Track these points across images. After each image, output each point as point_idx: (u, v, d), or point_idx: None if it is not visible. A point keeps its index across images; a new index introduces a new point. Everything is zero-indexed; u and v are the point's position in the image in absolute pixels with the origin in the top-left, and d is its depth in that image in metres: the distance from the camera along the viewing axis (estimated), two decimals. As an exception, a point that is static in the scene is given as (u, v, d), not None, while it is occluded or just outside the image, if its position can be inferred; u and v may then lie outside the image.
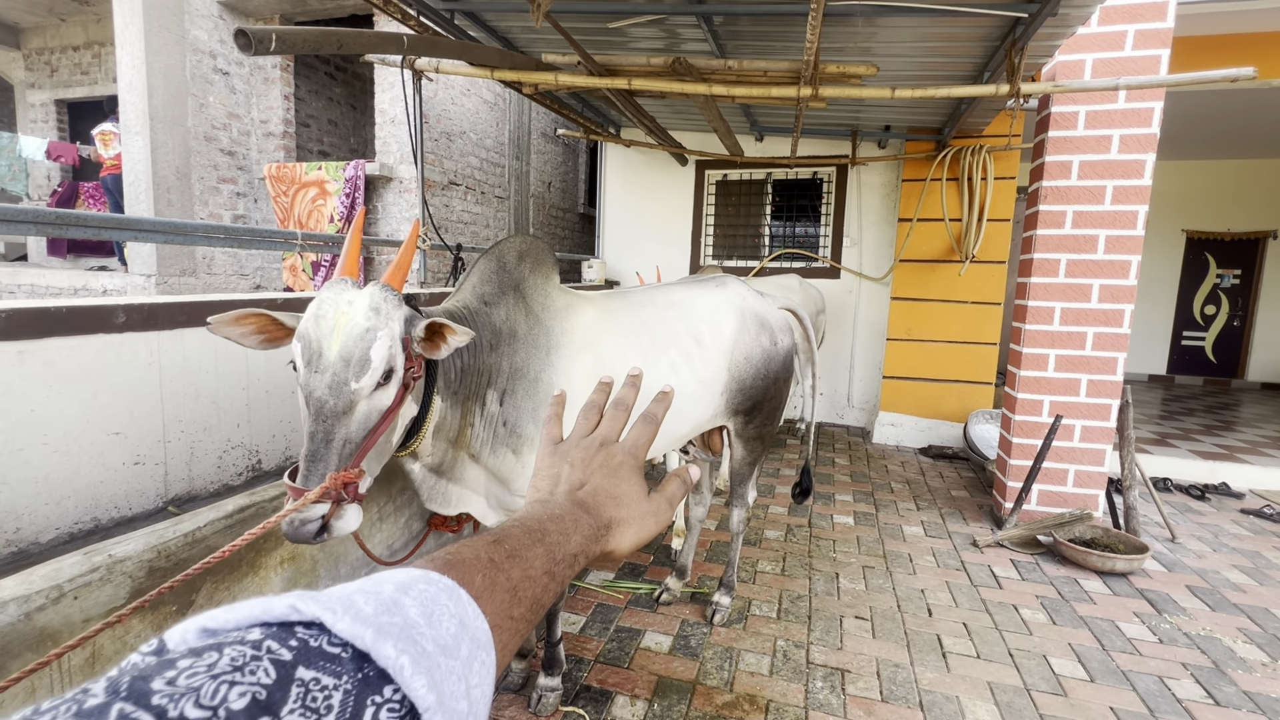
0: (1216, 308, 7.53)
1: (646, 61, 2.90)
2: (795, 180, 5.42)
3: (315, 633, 0.26)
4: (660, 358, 1.75)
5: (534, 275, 1.58)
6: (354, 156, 6.56)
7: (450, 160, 5.24)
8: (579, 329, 1.61)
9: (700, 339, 1.86)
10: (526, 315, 1.53)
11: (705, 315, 1.92)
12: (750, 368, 1.96)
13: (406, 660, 0.26)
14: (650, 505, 0.54)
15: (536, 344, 1.53)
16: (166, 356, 1.87)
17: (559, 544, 0.44)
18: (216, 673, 0.21)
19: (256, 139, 5.31)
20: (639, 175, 5.73)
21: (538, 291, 1.58)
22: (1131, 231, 2.92)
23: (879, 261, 5.14)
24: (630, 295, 1.89)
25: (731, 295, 2.03)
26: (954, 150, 4.31)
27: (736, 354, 1.93)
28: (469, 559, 0.37)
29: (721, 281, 2.10)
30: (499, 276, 1.53)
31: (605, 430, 0.58)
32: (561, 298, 1.63)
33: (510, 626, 0.36)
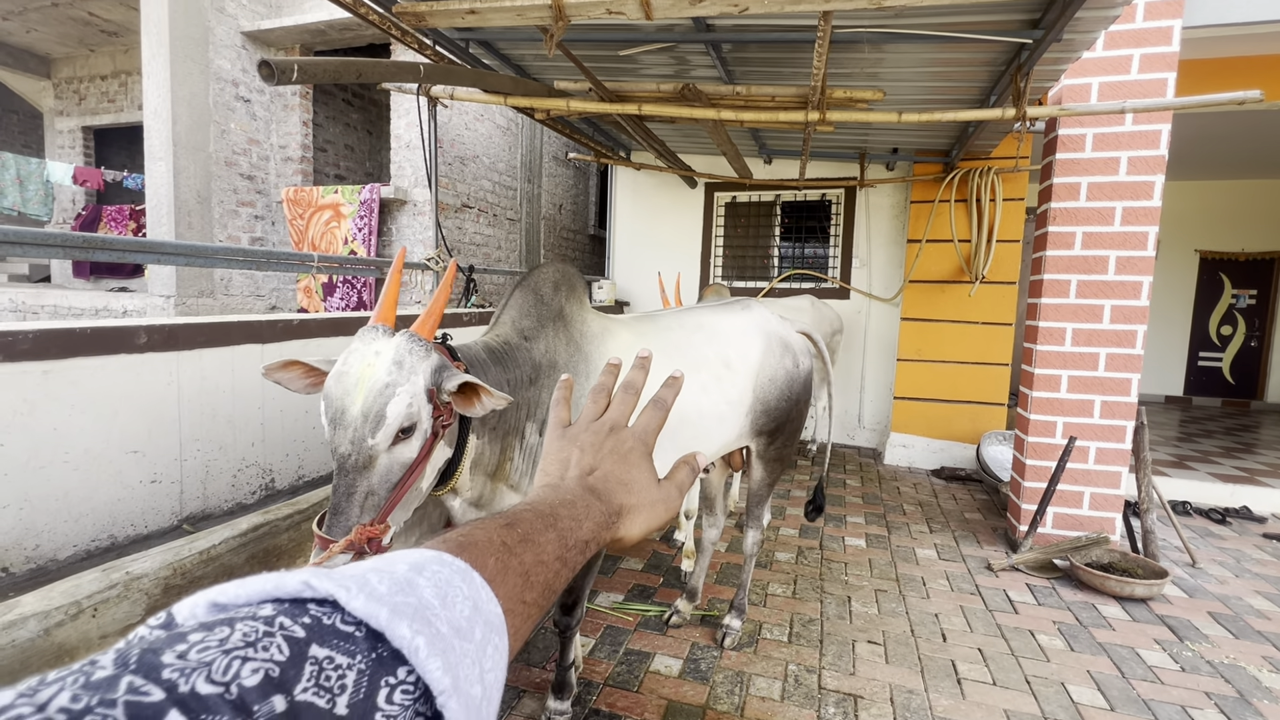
0: (1233, 328, 7.44)
1: (656, 88, 2.96)
2: (804, 202, 5.46)
3: (328, 610, 0.25)
4: (692, 380, 1.76)
5: (570, 303, 1.58)
6: (369, 180, 6.69)
7: (463, 184, 5.33)
8: (615, 354, 1.64)
9: (729, 362, 1.88)
10: (567, 344, 1.53)
11: (733, 338, 1.94)
12: (775, 389, 1.99)
13: (422, 641, 0.25)
14: (660, 492, 0.53)
15: (576, 371, 1.52)
16: (185, 376, 1.91)
17: (571, 530, 0.43)
18: (229, 648, 0.21)
19: (275, 163, 5.44)
20: (649, 197, 5.79)
21: (575, 319, 1.58)
22: (1142, 252, 2.92)
23: (888, 282, 5.15)
24: (659, 319, 1.90)
25: (757, 318, 2.07)
26: (962, 172, 4.33)
27: (762, 376, 1.96)
28: (482, 541, 0.36)
29: (746, 305, 2.13)
30: (538, 309, 1.52)
31: (614, 414, 0.57)
32: (596, 322, 1.64)
33: (523, 611, 0.36)
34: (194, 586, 1.27)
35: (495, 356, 1.40)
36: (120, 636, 1.19)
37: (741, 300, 2.19)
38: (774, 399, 1.99)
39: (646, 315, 1.96)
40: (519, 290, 1.55)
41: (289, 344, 2.29)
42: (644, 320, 1.88)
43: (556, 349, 1.51)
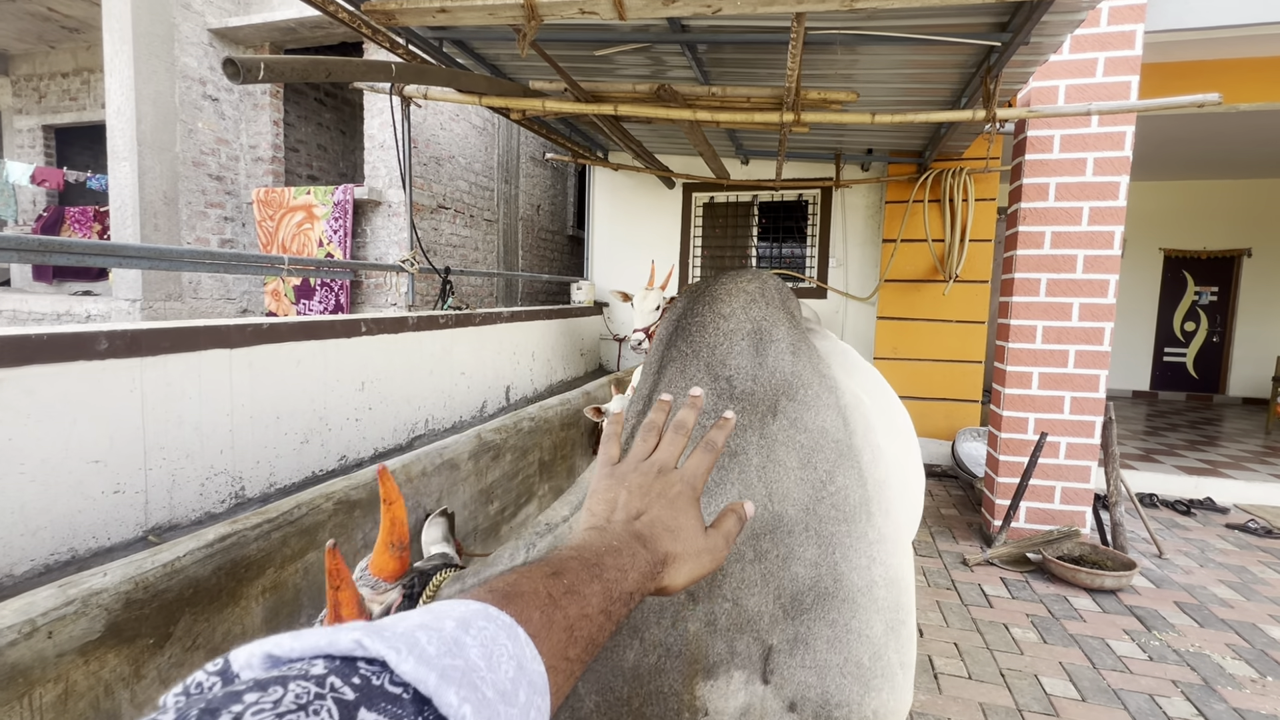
0: (1196, 324, 7.66)
1: (632, 88, 2.96)
2: (781, 202, 5.50)
3: (378, 670, 0.25)
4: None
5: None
6: (343, 181, 6.59)
7: (439, 184, 5.27)
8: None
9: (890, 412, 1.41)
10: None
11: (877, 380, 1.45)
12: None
13: (469, 710, 0.26)
14: (707, 541, 0.52)
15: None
16: (149, 383, 1.85)
17: (616, 581, 0.42)
18: (282, 710, 0.22)
19: (245, 164, 5.33)
20: (627, 198, 5.79)
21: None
22: (1109, 251, 2.98)
23: (864, 281, 5.21)
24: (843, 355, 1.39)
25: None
26: (935, 173, 4.39)
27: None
28: (528, 593, 0.36)
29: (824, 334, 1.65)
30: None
31: (664, 456, 0.56)
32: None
33: (565, 668, 0.35)
34: (157, 600, 1.23)
35: None
36: (79, 655, 1.15)
37: (818, 330, 1.60)
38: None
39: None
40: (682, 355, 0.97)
41: (259, 349, 2.24)
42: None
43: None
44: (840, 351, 1.39)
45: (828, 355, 1.15)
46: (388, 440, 2.89)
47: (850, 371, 1.20)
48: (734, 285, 1.00)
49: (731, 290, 0.99)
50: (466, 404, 3.53)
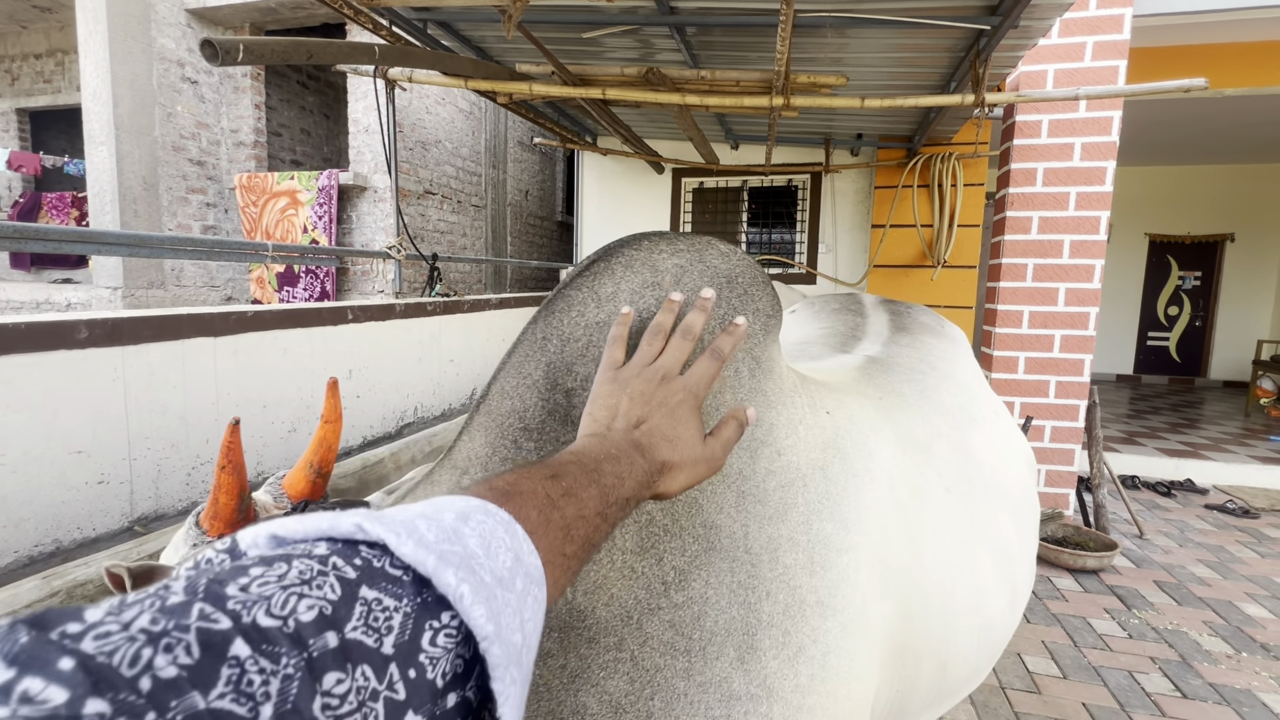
0: (1179, 309, 7.76)
1: (620, 71, 2.92)
2: (771, 187, 5.48)
3: (378, 553, 0.26)
4: (992, 527, 0.86)
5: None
6: (328, 166, 6.49)
7: (425, 169, 5.21)
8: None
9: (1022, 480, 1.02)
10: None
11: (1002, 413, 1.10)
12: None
13: (466, 589, 0.26)
14: (705, 450, 0.52)
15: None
16: (131, 372, 1.83)
17: (613, 487, 0.43)
18: (286, 584, 0.23)
19: (227, 148, 5.23)
20: (616, 183, 5.75)
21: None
22: (1094, 236, 3.01)
23: (854, 267, 5.22)
24: (891, 372, 0.95)
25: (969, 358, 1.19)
26: (924, 158, 4.39)
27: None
28: (526, 492, 0.37)
29: (947, 332, 1.24)
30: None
31: (668, 361, 0.55)
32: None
33: (562, 563, 0.36)
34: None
35: None
36: (64, 645, 1.14)
37: (928, 317, 1.26)
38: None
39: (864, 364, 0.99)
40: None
41: (244, 337, 2.22)
42: (875, 375, 0.94)
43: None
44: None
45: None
46: (376, 428, 2.87)
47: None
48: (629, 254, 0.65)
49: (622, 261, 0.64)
50: (456, 391, 3.52)
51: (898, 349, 1.05)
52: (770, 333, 0.67)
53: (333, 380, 0.83)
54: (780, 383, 0.66)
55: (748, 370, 0.63)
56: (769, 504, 0.59)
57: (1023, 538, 0.91)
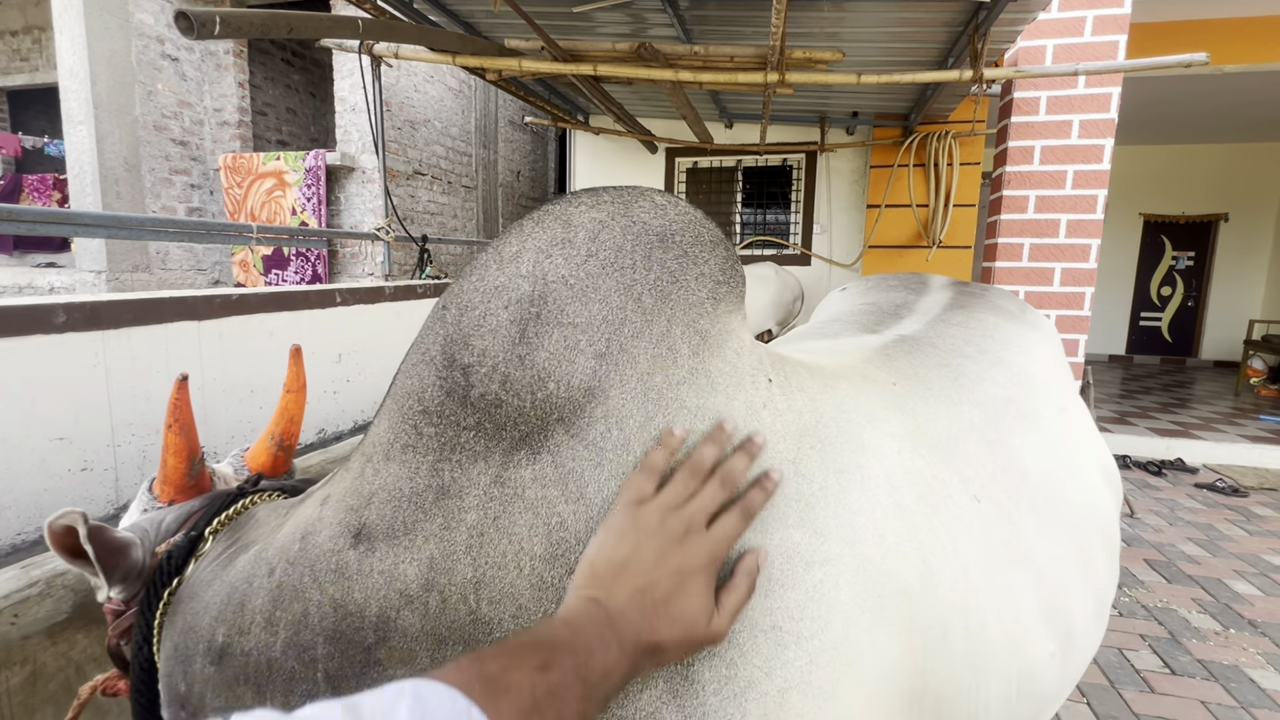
0: (1172, 289, 7.78)
1: (612, 47, 2.85)
2: (765, 167, 5.42)
3: None
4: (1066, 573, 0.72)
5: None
6: (314, 146, 6.37)
7: (414, 149, 5.12)
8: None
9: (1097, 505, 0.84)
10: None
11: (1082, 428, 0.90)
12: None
13: None
14: (709, 630, 0.45)
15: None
16: (113, 357, 1.79)
17: (598, 684, 0.39)
18: None
19: (210, 128, 5.12)
20: (609, 163, 5.67)
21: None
22: (1091, 215, 2.98)
23: (849, 248, 5.18)
24: (919, 355, 0.79)
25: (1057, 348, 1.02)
26: (920, 136, 4.34)
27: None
28: (513, 688, 0.34)
29: (1024, 314, 1.03)
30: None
31: (697, 512, 0.48)
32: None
33: None
34: (127, 579, 1.20)
35: None
36: (46, 637, 1.12)
37: (998, 296, 1.06)
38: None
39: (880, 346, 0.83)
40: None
41: (229, 320, 2.18)
42: (891, 359, 0.78)
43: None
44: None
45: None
46: (367, 412, 2.84)
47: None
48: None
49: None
50: (448, 375, 3.49)
51: (942, 328, 0.87)
52: (721, 302, 0.57)
53: (295, 347, 0.79)
54: (733, 362, 0.56)
55: (688, 347, 0.53)
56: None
57: (1086, 571, 0.72)
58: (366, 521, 0.52)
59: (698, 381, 0.52)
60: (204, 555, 0.62)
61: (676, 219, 0.57)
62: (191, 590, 0.59)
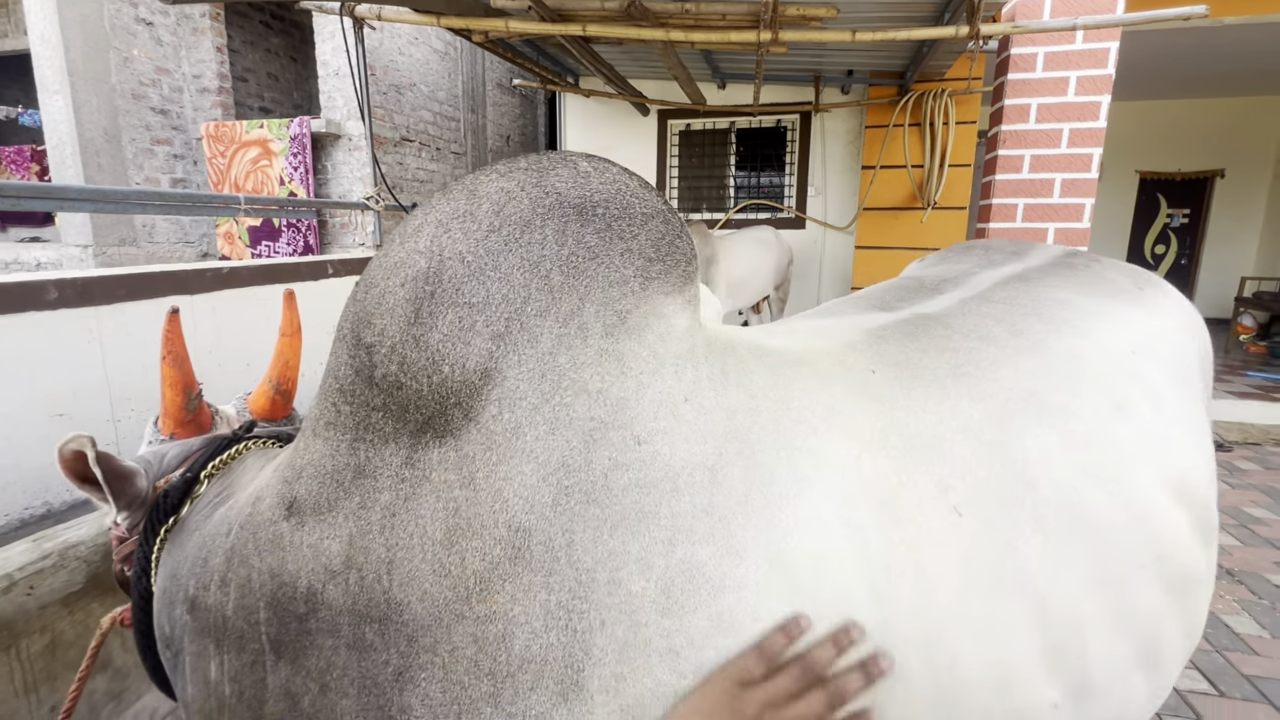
0: (1166, 247, 7.77)
1: (601, 5, 2.78)
2: (759, 129, 5.34)
3: None
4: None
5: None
6: (298, 112, 6.22)
7: (401, 115, 5.01)
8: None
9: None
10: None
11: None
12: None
13: None
14: None
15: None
16: (107, 332, 1.79)
17: None
18: None
19: (190, 95, 4.99)
20: (600, 127, 5.57)
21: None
22: (1086, 174, 2.97)
23: (843, 210, 5.15)
24: (921, 337, 0.69)
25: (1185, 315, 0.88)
26: (916, 95, 4.27)
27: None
28: None
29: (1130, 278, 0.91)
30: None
31: (804, 715, 0.44)
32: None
33: None
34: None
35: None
36: (63, 606, 1.15)
37: (1080, 255, 0.98)
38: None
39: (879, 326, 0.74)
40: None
41: (221, 294, 2.17)
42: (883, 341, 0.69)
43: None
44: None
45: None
46: (364, 384, 2.86)
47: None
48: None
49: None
50: (443, 345, 3.49)
51: (978, 305, 0.73)
52: (653, 281, 0.52)
53: (289, 291, 0.80)
54: (654, 347, 0.51)
55: (601, 328, 0.49)
56: (611, 508, 0.46)
57: (1119, 607, 0.58)
58: (297, 495, 0.53)
59: (605, 365, 0.49)
60: (199, 498, 0.64)
61: (600, 189, 0.53)
62: (182, 535, 0.61)
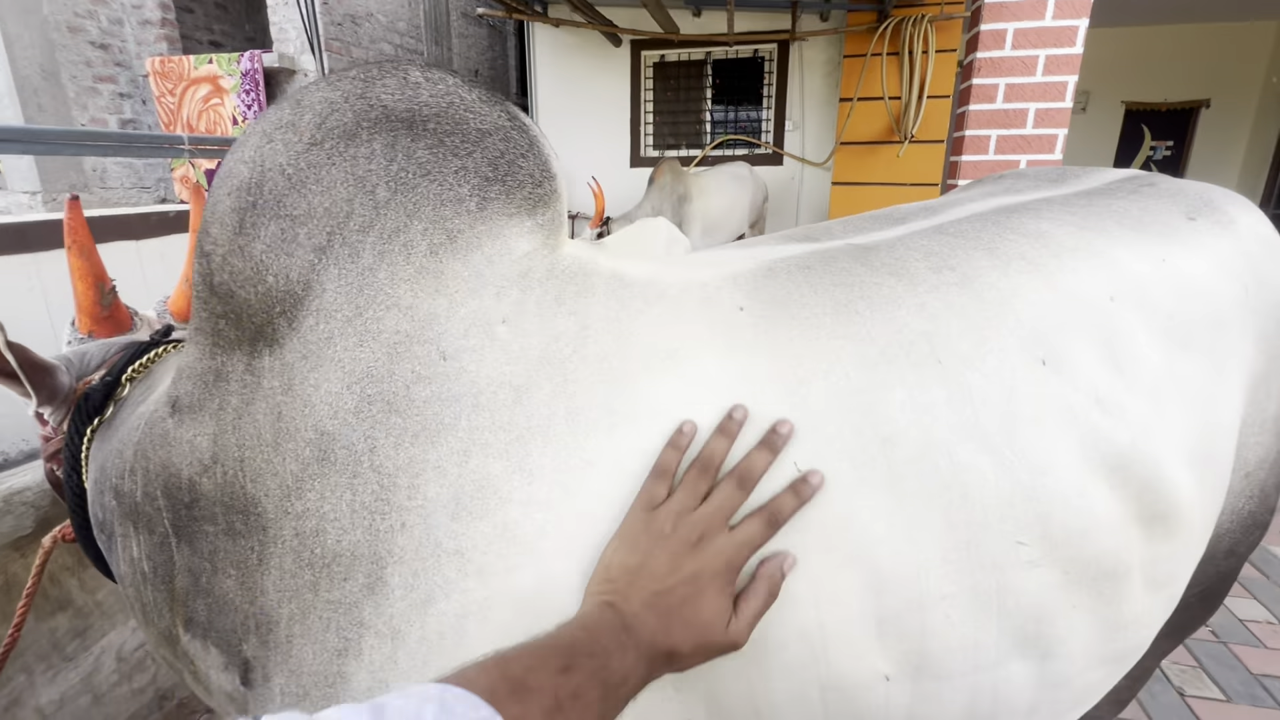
0: (1147, 181, 7.74)
1: (558, -77, 2.61)
2: (736, 60, 5.15)
3: None
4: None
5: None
6: (252, 46, 5.88)
7: (359, 48, 4.76)
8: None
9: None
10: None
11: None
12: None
13: None
14: (727, 637, 0.45)
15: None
16: (49, 279, 1.74)
17: (617, 685, 0.40)
18: None
19: (132, 28, 4.69)
20: (571, 60, 5.34)
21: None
22: (1060, 104, 2.91)
23: (822, 146, 5.04)
24: (819, 273, 0.60)
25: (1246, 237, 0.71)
26: (895, 21, 4.12)
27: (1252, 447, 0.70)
28: (535, 690, 0.35)
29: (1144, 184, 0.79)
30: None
31: (714, 514, 0.47)
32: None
33: None
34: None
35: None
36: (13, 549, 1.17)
37: (1105, 172, 0.85)
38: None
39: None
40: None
41: (170, 239, 2.10)
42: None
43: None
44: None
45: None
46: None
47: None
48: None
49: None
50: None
51: (928, 238, 0.64)
52: (491, 202, 0.51)
53: (195, 185, 0.81)
54: (479, 268, 0.50)
55: (427, 246, 0.49)
56: (413, 418, 0.47)
57: (982, 586, 0.52)
58: (179, 394, 0.56)
59: (423, 282, 0.49)
60: (122, 400, 0.68)
61: (431, 101, 0.51)
62: (108, 433, 0.66)
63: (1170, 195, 0.76)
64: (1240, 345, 0.65)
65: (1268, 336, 0.68)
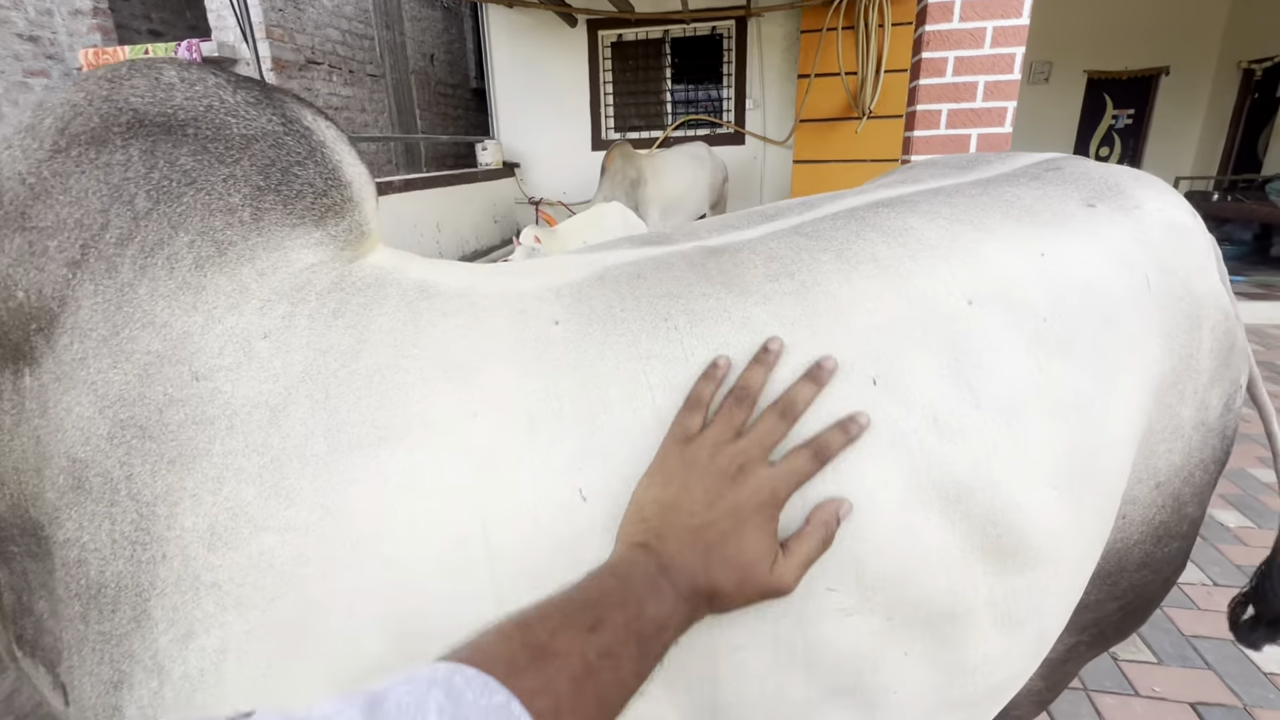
0: (1110, 150, 7.82)
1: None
2: (695, 38, 5.07)
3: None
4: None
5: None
6: (193, 35, 5.67)
7: (303, 34, 4.60)
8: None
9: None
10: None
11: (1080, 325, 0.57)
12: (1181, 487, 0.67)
13: None
14: (773, 578, 0.42)
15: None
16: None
17: (654, 638, 0.37)
18: None
19: (62, 18, 4.49)
20: (528, 41, 5.23)
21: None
22: (1008, 76, 2.90)
23: (782, 123, 5.00)
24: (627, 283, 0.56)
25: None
26: (851, -6, 4.07)
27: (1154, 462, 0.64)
28: (563, 654, 0.32)
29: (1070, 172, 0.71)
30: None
31: (755, 446, 0.44)
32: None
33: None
34: None
35: None
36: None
37: (1054, 159, 0.75)
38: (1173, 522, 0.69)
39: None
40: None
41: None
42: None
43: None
44: None
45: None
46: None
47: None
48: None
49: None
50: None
51: (781, 240, 0.59)
52: (266, 212, 0.48)
53: None
54: (247, 282, 0.47)
55: (193, 259, 0.46)
56: (168, 444, 0.44)
57: (778, 633, 0.50)
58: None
59: (180, 298, 0.46)
60: None
61: (187, 104, 0.48)
62: None
63: (1073, 181, 0.69)
64: (1141, 344, 0.58)
65: (1176, 333, 0.60)
